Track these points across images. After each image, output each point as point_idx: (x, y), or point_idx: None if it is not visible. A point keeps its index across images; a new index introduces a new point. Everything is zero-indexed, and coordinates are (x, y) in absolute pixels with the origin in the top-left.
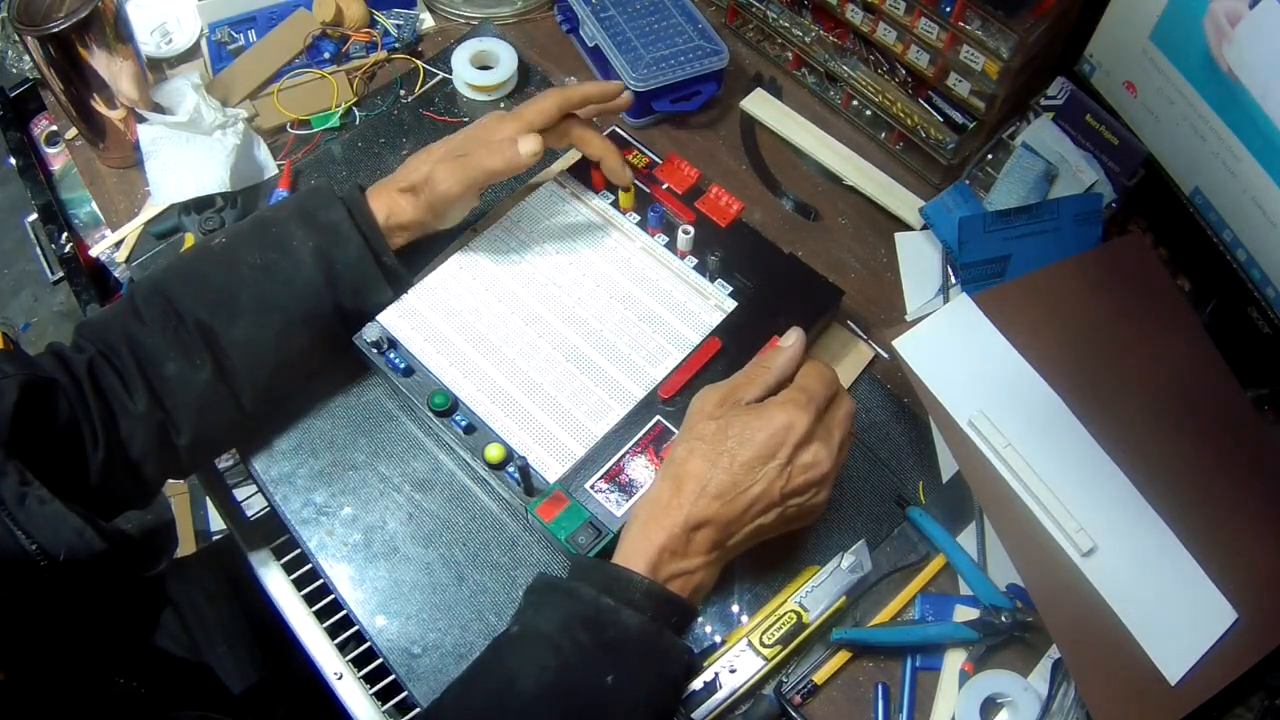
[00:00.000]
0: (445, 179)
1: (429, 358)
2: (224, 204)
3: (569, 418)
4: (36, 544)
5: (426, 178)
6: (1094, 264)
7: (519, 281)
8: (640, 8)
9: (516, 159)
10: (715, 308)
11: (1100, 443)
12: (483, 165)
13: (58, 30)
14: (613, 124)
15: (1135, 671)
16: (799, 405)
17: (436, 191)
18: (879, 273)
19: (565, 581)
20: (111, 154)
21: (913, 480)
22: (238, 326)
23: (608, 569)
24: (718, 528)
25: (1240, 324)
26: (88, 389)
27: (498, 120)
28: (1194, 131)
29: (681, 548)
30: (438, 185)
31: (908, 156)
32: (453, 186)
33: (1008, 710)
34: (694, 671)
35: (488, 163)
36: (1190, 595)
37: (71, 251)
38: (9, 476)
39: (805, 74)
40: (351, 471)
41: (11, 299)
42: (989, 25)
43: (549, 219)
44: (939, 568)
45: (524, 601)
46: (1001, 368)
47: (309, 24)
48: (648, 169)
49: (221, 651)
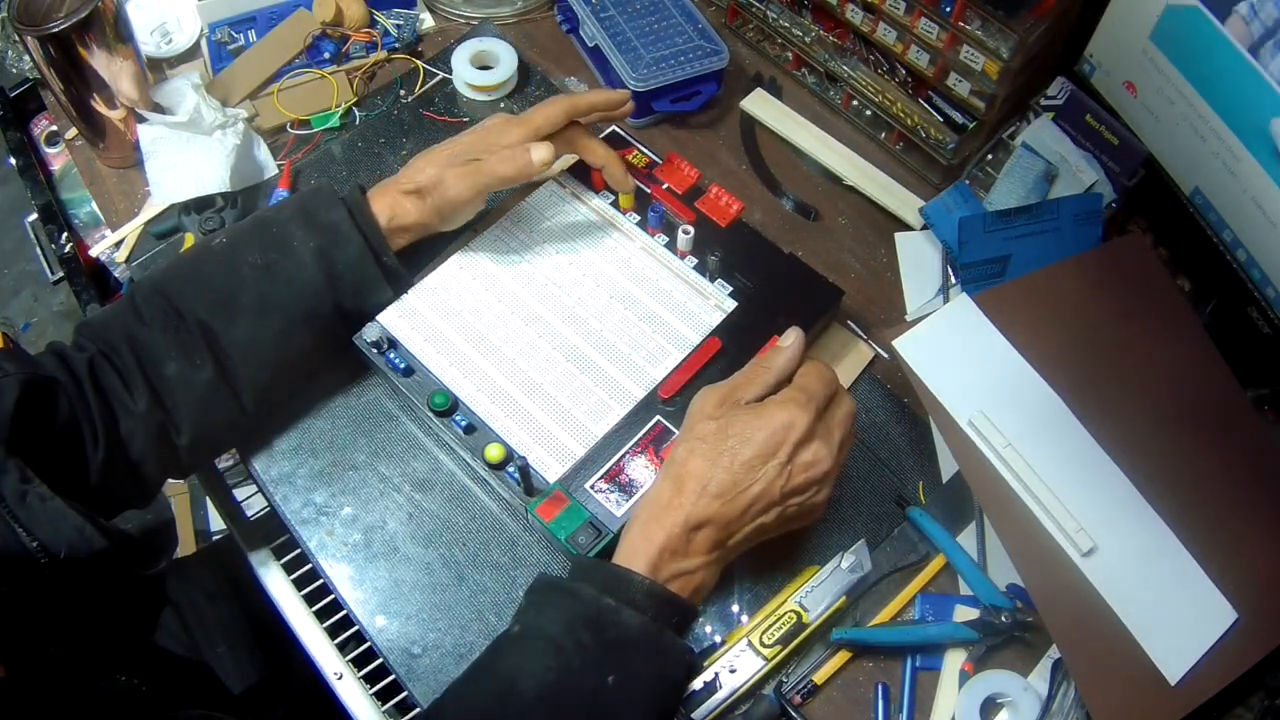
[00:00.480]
0: (456, 184)
1: (429, 358)
2: (224, 204)
3: (569, 418)
4: (37, 541)
5: (435, 181)
6: (1094, 264)
7: (519, 281)
8: (640, 8)
9: (529, 167)
10: (715, 308)
11: (1100, 443)
12: (495, 172)
13: (58, 30)
14: (613, 124)
15: (1135, 671)
16: (799, 404)
17: (446, 196)
18: (879, 273)
19: (566, 581)
20: (111, 154)
21: (913, 480)
22: (238, 326)
23: (609, 569)
24: (718, 527)
25: (1240, 324)
26: (88, 388)
27: (505, 124)
28: (1194, 131)
29: (682, 547)
30: (448, 190)
31: (908, 156)
32: (464, 192)
33: (1008, 710)
34: (695, 671)
35: (500, 170)
36: (1190, 595)
37: (71, 251)
38: (9, 474)
39: (805, 74)
40: (351, 471)
41: (11, 299)
42: (989, 25)
43: (549, 219)
44: (939, 568)
45: (525, 601)
46: (1001, 368)
47: (309, 24)
48: (648, 169)
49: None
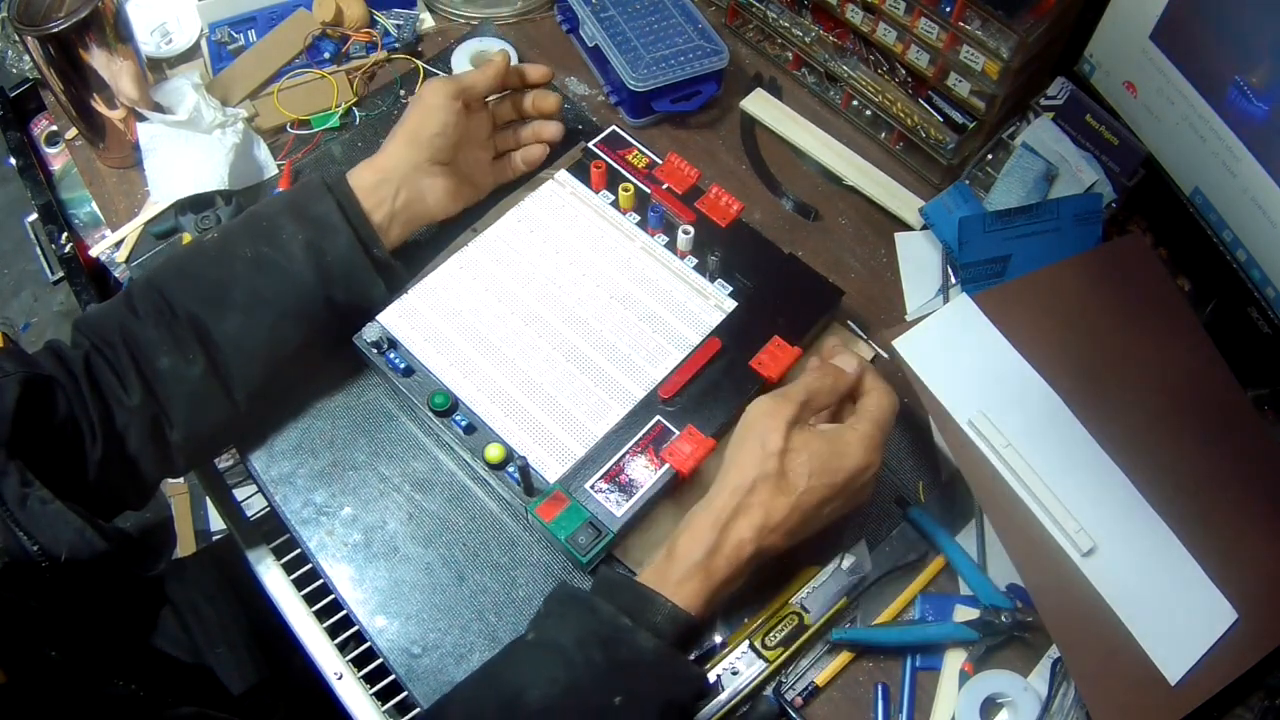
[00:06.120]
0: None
1: (429, 358)
2: (223, 204)
3: (569, 418)
4: (38, 544)
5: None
6: (1094, 264)
7: (519, 281)
8: (640, 8)
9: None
10: (715, 308)
11: (1100, 443)
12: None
13: (58, 30)
14: (613, 124)
15: (1135, 671)
16: (877, 448)
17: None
18: (879, 273)
19: (587, 595)
20: (111, 154)
21: (913, 480)
22: (229, 320)
23: (634, 588)
24: (774, 554)
25: (1240, 324)
26: (84, 384)
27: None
28: (1194, 131)
29: (739, 576)
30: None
31: (908, 156)
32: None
33: (1008, 710)
34: (705, 696)
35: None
36: (1190, 595)
37: (71, 251)
38: (10, 477)
39: (805, 74)
40: (351, 471)
41: (11, 299)
42: (989, 25)
43: (548, 219)
44: (939, 568)
45: (544, 608)
46: (1001, 368)
47: (309, 24)
48: (648, 169)
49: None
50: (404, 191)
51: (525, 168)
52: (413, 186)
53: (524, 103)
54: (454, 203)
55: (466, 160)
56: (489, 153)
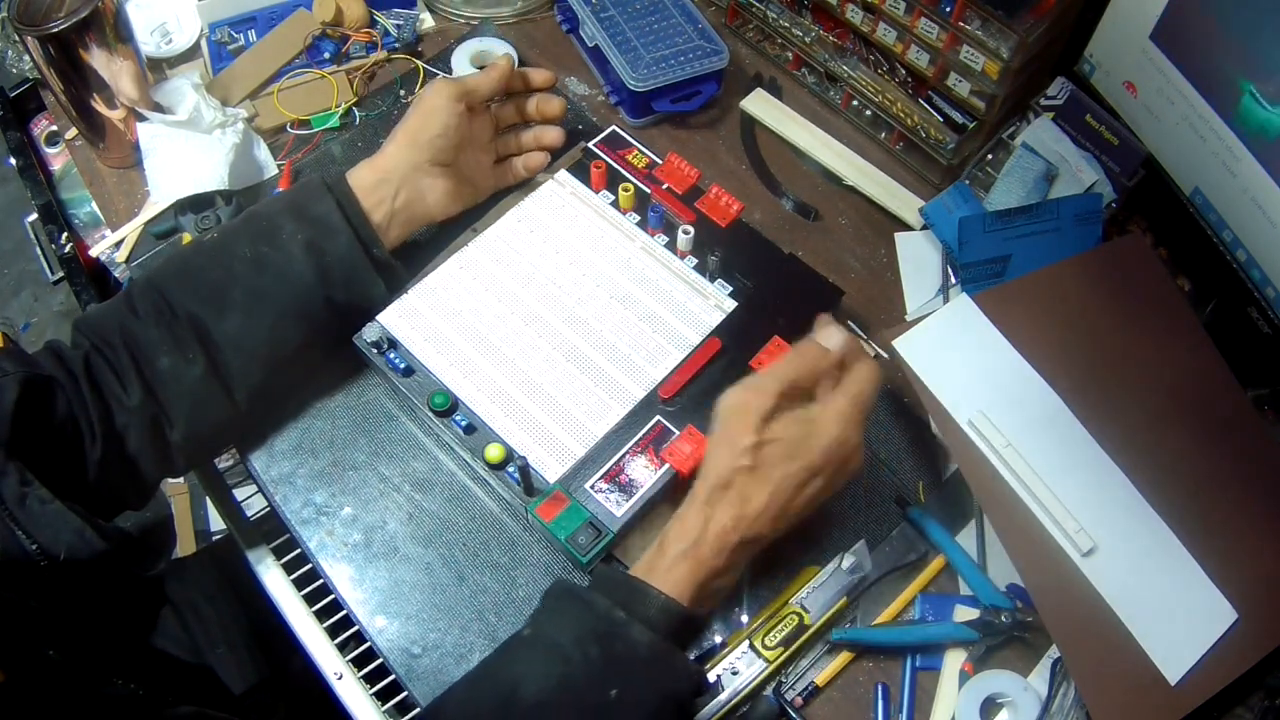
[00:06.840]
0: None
1: (429, 358)
2: (223, 204)
3: (569, 418)
4: (37, 544)
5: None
6: (1094, 264)
7: (519, 281)
8: (640, 8)
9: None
10: (715, 308)
11: (1100, 443)
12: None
13: (58, 30)
14: (613, 124)
15: (1135, 671)
16: (854, 423)
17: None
18: (879, 273)
19: (584, 591)
20: (111, 154)
21: (913, 480)
22: (229, 320)
23: (627, 582)
24: (763, 542)
25: (1240, 324)
26: (84, 384)
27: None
28: (1194, 131)
29: (728, 568)
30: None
31: (908, 156)
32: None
33: (1008, 710)
34: (702, 691)
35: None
36: (1190, 595)
37: (71, 251)
38: (9, 477)
39: (805, 74)
40: (351, 471)
41: (11, 299)
42: (989, 25)
43: (549, 219)
44: (939, 568)
45: (541, 604)
46: (1001, 368)
47: (309, 24)
48: (648, 169)
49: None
50: (404, 192)
51: (526, 173)
52: (413, 187)
53: (527, 107)
54: (454, 204)
55: (467, 162)
56: (490, 156)
